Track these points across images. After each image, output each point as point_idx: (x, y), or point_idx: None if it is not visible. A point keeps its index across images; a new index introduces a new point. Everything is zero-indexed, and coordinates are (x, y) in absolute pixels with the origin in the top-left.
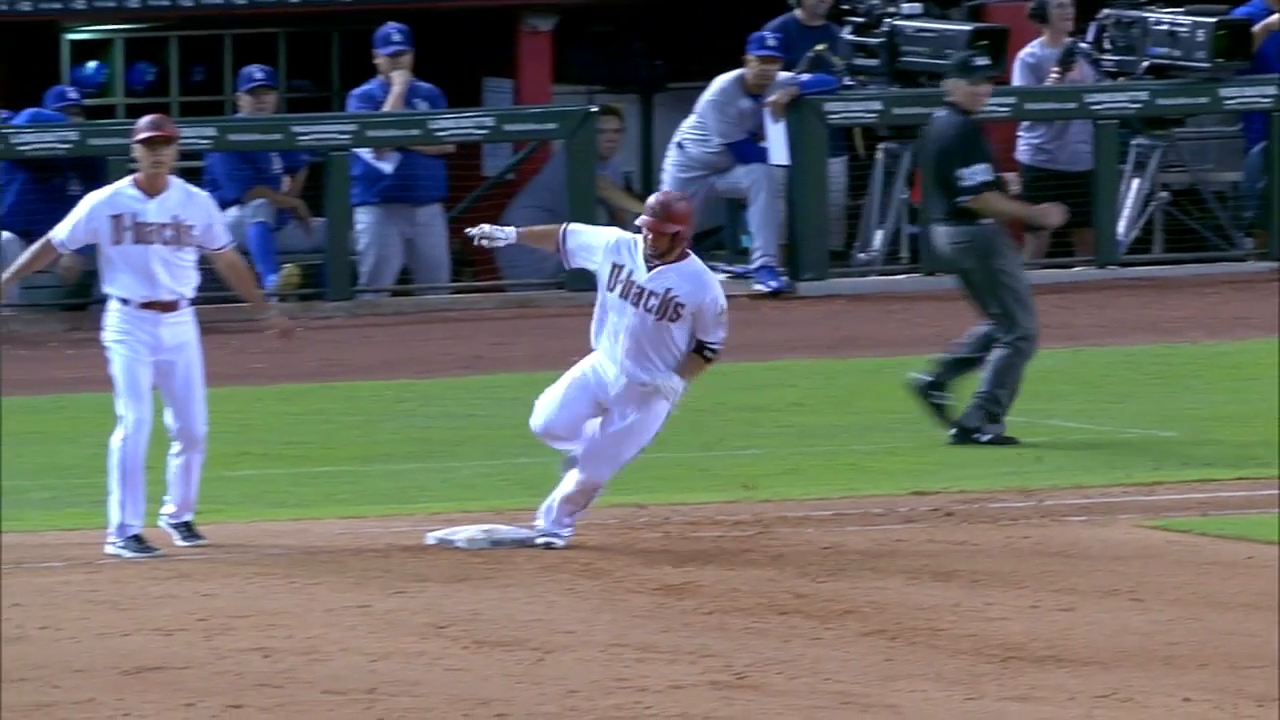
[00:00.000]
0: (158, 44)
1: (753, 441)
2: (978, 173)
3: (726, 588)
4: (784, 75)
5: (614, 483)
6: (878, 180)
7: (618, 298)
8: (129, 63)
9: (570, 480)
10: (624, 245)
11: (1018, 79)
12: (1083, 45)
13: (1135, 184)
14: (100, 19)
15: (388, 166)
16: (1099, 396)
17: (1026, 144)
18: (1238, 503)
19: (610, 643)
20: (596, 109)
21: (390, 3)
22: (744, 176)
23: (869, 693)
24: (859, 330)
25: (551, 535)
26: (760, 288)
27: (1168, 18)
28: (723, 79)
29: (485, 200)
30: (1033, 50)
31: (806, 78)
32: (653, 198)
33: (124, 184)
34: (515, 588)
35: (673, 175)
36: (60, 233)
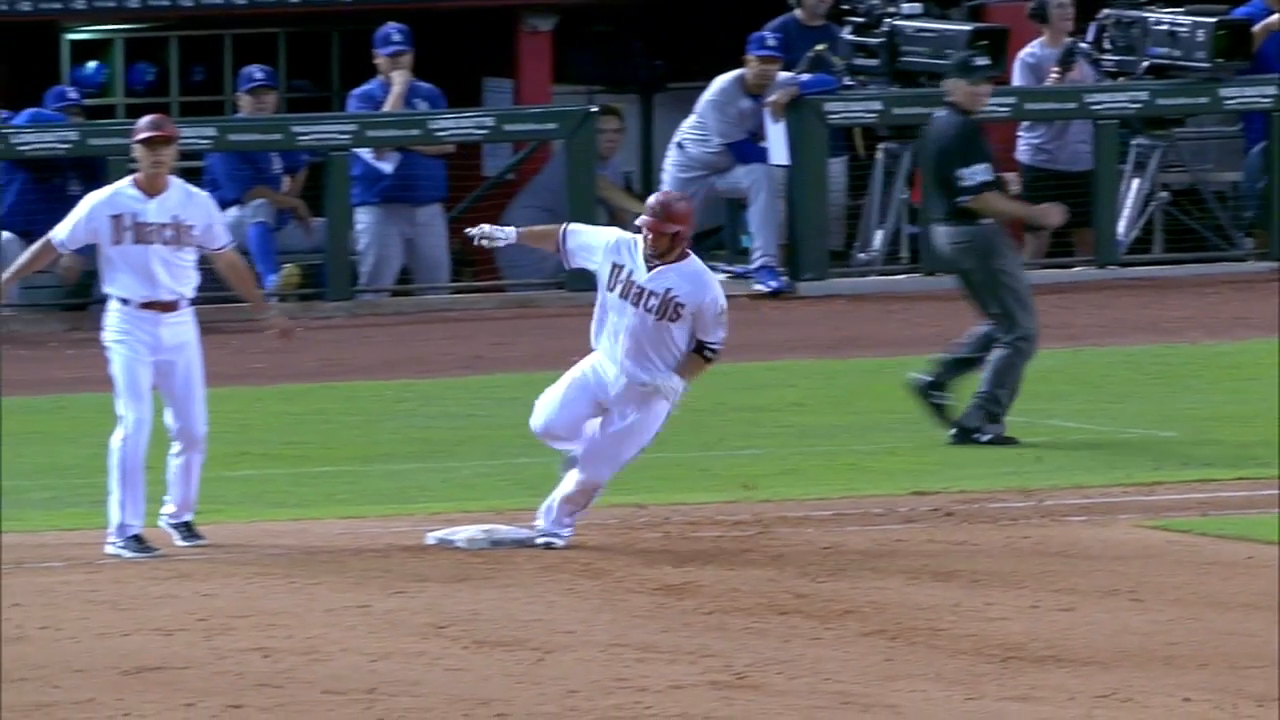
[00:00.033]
0: (158, 44)
1: (753, 441)
2: (978, 173)
3: (726, 588)
4: (784, 75)
5: (614, 483)
6: (878, 180)
7: (618, 298)
8: (129, 63)
9: (570, 480)
10: (624, 245)
11: (1018, 79)
12: (1083, 45)
13: (1135, 184)
14: (100, 19)
15: (388, 166)
16: (1099, 396)
17: (1026, 144)
18: (1238, 503)
19: (610, 643)
20: (596, 109)
21: (390, 3)
22: (744, 176)
23: (869, 693)
24: (859, 330)
25: (551, 535)
26: (760, 288)
27: (1168, 18)
28: (723, 79)
29: (485, 200)
30: (1033, 50)
31: (806, 78)
32: (653, 198)
33: (124, 184)
34: (515, 588)
35: (673, 175)
36: (60, 233)
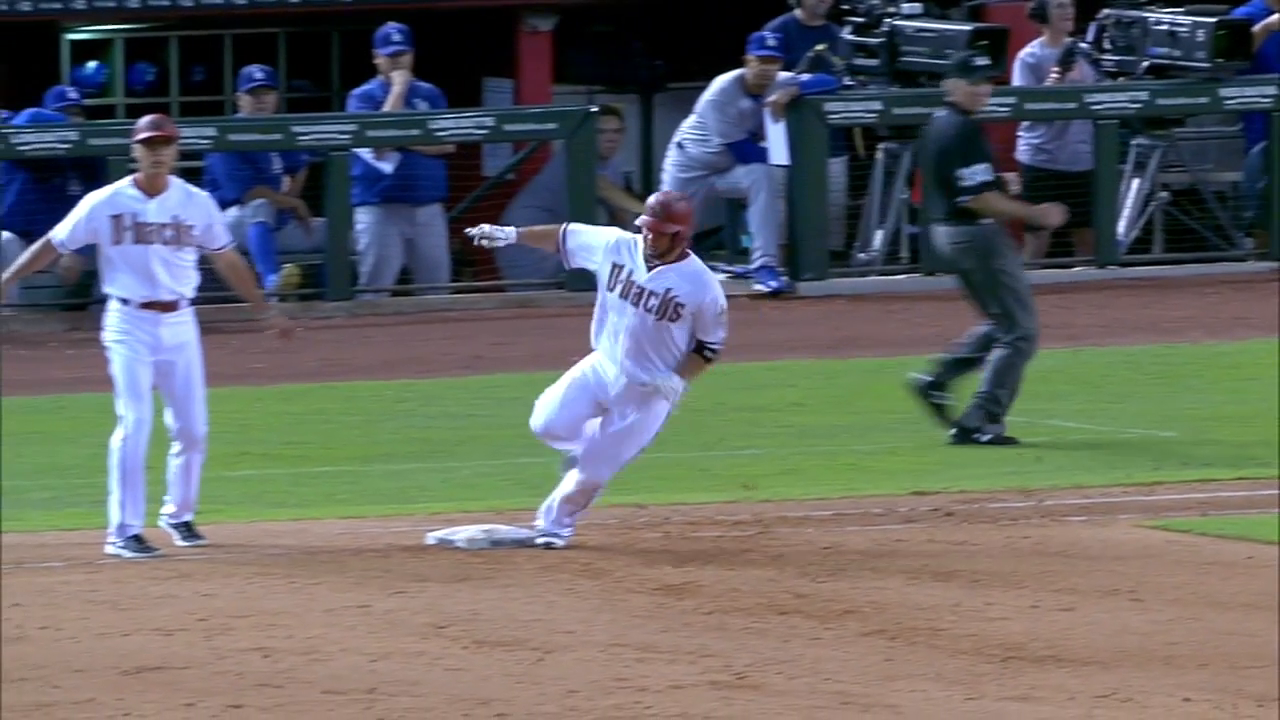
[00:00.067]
0: (158, 44)
1: (753, 441)
2: (978, 173)
3: (726, 588)
4: (784, 75)
5: (614, 483)
6: (878, 180)
7: (618, 298)
8: (129, 63)
9: (570, 480)
10: (624, 245)
11: (1018, 79)
12: (1083, 45)
13: (1135, 184)
14: (100, 19)
15: (388, 166)
16: (1099, 396)
17: (1026, 144)
18: (1238, 503)
19: (610, 643)
20: (596, 109)
21: (390, 3)
22: (744, 176)
23: (869, 693)
24: (859, 330)
25: (551, 535)
26: (760, 288)
27: (1168, 18)
28: (723, 79)
29: (485, 200)
30: (1033, 50)
31: (806, 78)
32: (653, 198)
33: (124, 184)
34: (515, 588)
35: (673, 175)
36: (60, 233)
